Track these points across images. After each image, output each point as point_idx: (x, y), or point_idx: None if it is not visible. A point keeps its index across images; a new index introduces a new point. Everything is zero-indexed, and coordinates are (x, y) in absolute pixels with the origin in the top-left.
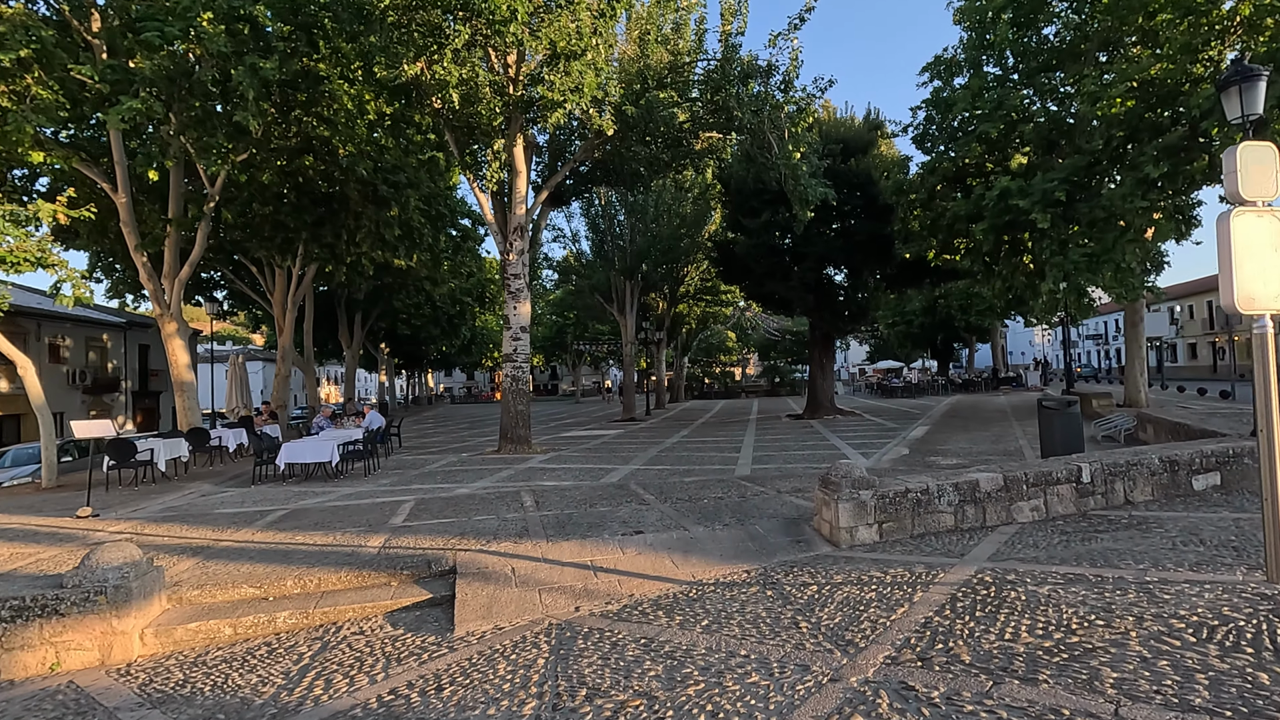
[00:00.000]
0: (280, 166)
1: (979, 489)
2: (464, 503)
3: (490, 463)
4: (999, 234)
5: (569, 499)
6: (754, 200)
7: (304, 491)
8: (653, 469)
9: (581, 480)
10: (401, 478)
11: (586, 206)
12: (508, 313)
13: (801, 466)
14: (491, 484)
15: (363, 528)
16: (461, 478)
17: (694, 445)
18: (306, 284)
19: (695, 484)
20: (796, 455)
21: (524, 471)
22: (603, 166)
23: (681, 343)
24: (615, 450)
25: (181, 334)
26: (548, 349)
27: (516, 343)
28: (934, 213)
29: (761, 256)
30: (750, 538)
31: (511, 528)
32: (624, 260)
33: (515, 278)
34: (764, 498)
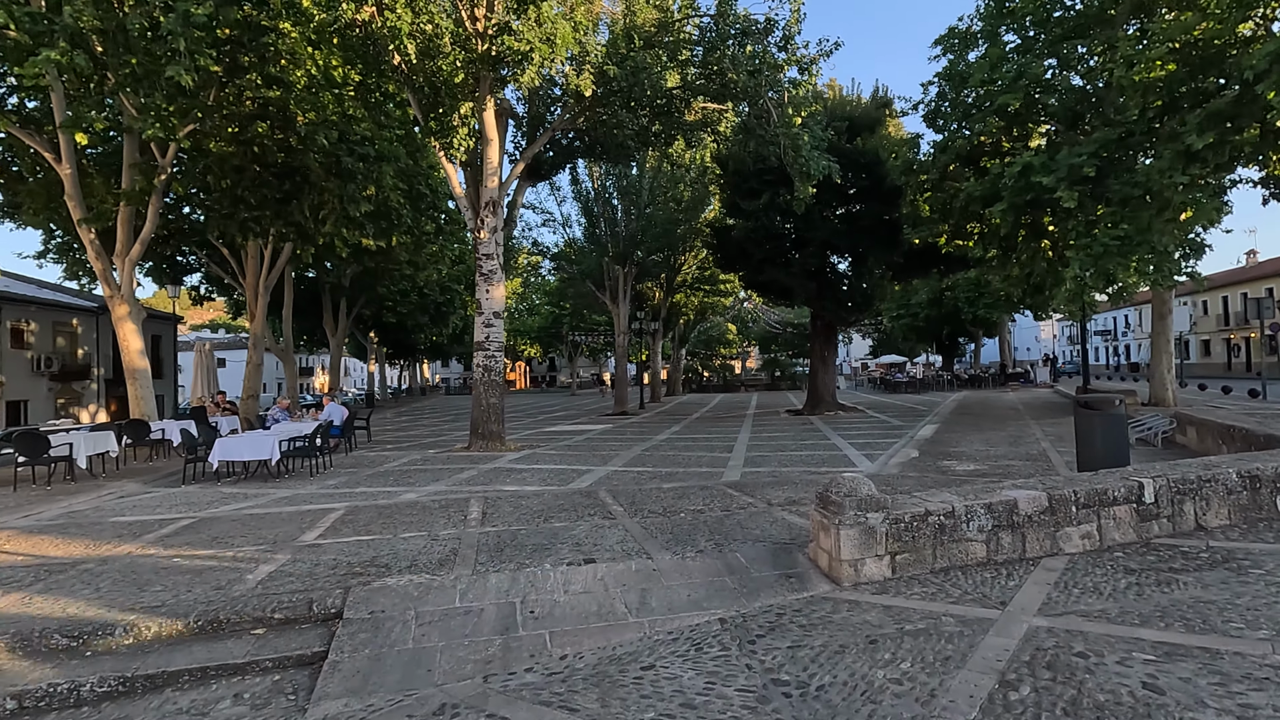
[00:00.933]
0: (233, 135)
1: (1017, 511)
2: (400, 513)
3: (454, 462)
4: (1018, 215)
5: (523, 510)
6: (753, 181)
7: (232, 494)
8: (631, 471)
9: (547, 484)
10: (350, 479)
11: (578, 188)
12: (479, 296)
13: (798, 471)
14: (444, 488)
15: (265, 545)
16: (415, 480)
17: (683, 443)
18: (279, 267)
19: (674, 492)
20: (794, 457)
21: (487, 473)
22: (587, 137)
23: (679, 334)
24: (596, 448)
25: (134, 317)
26: (544, 340)
27: (489, 329)
28: (946, 195)
29: (760, 241)
30: (729, 570)
31: (439, 550)
32: (617, 246)
33: (488, 258)
34: (751, 512)
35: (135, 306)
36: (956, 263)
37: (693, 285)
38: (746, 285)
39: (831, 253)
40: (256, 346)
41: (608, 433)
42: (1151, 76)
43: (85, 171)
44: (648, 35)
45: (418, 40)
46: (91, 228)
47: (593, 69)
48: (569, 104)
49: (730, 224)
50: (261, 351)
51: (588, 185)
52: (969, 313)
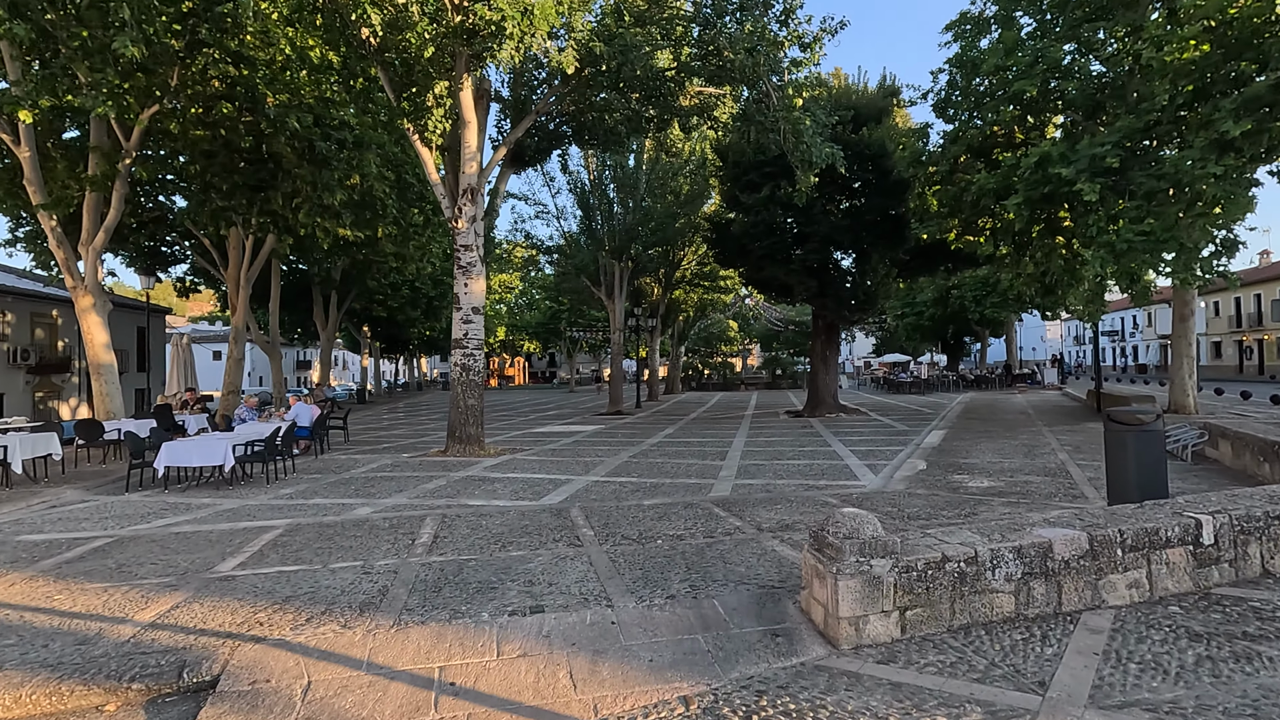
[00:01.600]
0: (198, 116)
1: (1052, 555)
2: (343, 535)
3: (425, 468)
4: (1034, 210)
5: (480, 533)
6: (753, 174)
7: (172, 506)
8: (613, 483)
9: (517, 499)
10: (308, 488)
11: (572, 179)
12: (457, 290)
13: (794, 486)
14: (404, 502)
15: (170, 577)
16: (376, 490)
17: (674, 448)
18: (261, 258)
19: (655, 511)
20: (791, 467)
21: (456, 483)
22: (574, 122)
23: (678, 331)
24: (581, 453)
25: (99, 309)
26: (543, 335)
27: (468, 326)
28: (956, 188)
29: (760, 236)
30: (703, 624)
31: (367, 588)
32: (613, 239)
33: (466, 249)
34: (738, 539)
35: (100, 298)
36: (965, 260)
37: (692, 281)
38: (746, 282)
39: (834, 249)
40: (238, 340)
41: (597, 435)
42: (1184, 58)
43: (48, 155)
44: (639, 10)
45: (384, 10)
46: (53, 214)
47: (577, 46)
48: (553, 85)
49: (730, 218)
50: (243, 345)
51: (583, 177)
52: (975, 312)
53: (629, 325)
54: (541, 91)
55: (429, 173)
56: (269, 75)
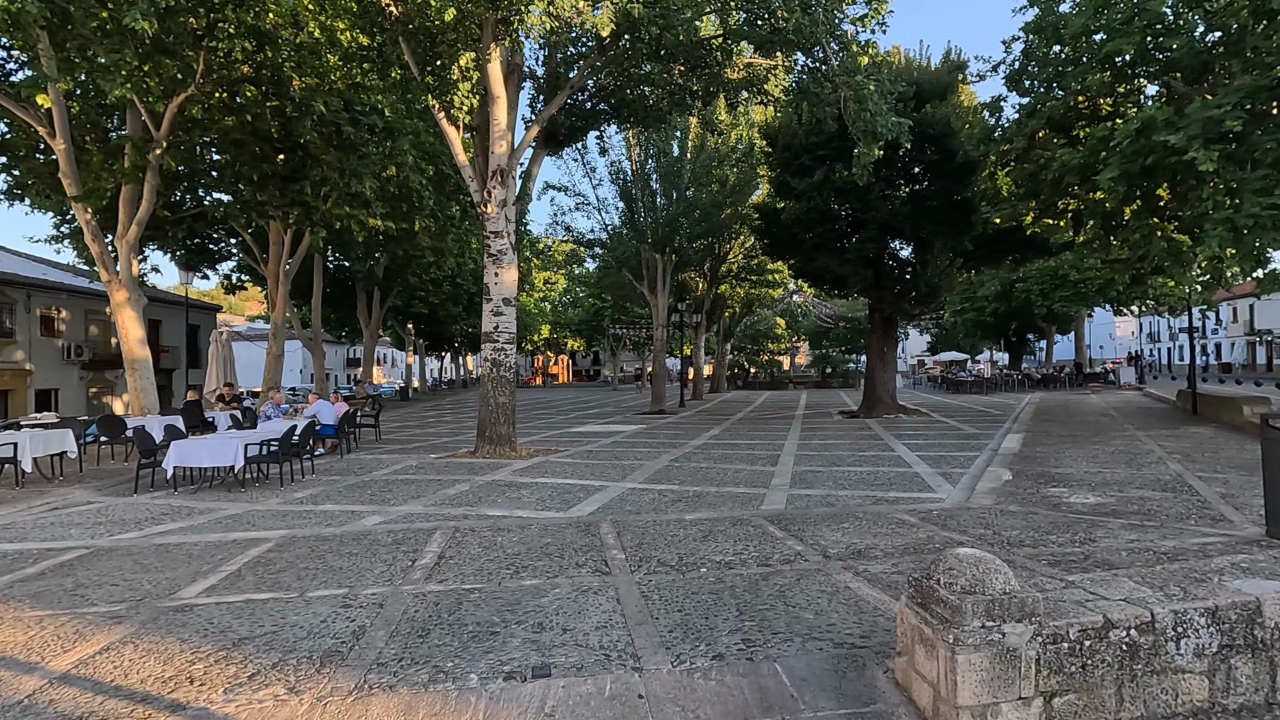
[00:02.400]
0: (222, 101)
1: (1260, 621)
2: (337, 551)
3: (451, 471)
4: (1131, 185)
5: (492, 553)
6: (805, 157)
7: (175, 510)
8: (651, 491)
9: (543, 509)
10: (322, 491)
11: (614, 169)
12: (487, 280)
13: (859, 497)
14: (419, 510)
15: (123, 604)
16: (393, 495)
17: (721, 452)
18: (300, 253)
19: (698, 528)
20: (852, 475)
21: (480, 489)
22: (613, 98)
23: (723, 328)
24: (620, 456)
25: (134, 304)
26: (586, 333)
27: (498, 318)
28: (1033, 166)
29: (812, 224)
30: (762, 702)
31: (336, 631)
32: (655, 231)
33: (496, 236)
34: (801, 569)
35: (135, 292)
36: (1034, 249)
37: (738, 275)
38: (796, 275)
39: (892, 237)
40: (276, 335)
41: (638, 435)
42: None
43: (84, 149)
44: None
45: None
46: (88, 207)
47: (613, 8)
48: (589, 54)
49: (779, 207)
50: (282, 341)
51: (625, 166)
52: (1043, 306)
53: (672, 321)
54: (577, 65)
55: (456, 153)
56: (295, 58)
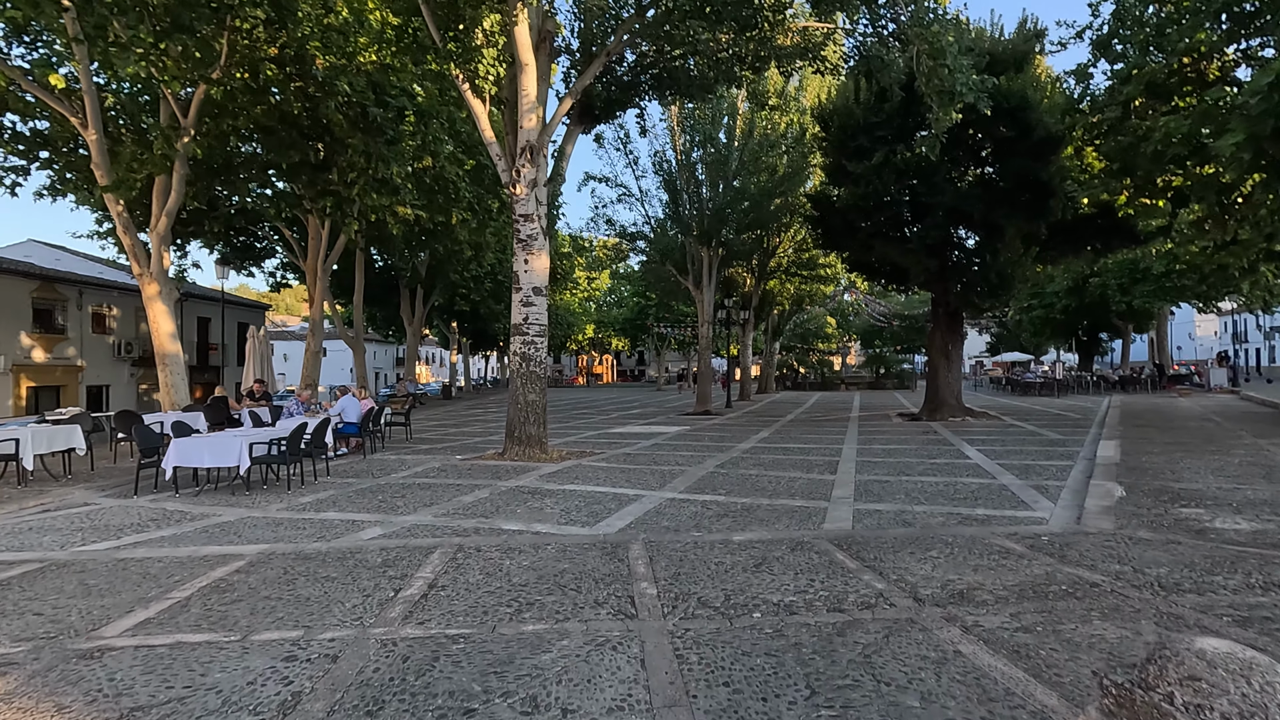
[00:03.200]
0: (244, 82)
1: None
2: (314, 574)
3: (473, 475)
4: (1258, 151)
5: (494, 582)
6: (863, 138)
7: (163, 516)
8: (693, 503)
9: (566, 523)
10: (330, 496)
11: (658, 159)
12: (516, 268)
13: (940, 514)
14: (425, 521)
15: (25, 645)
16: (404, 503)
17: (772, 457)
18: (338, 249)
19: (749, 553)
20: (927, 486)
21: (500, 497)
22: (654, 68)
23: (772, 326)
24: (660, 460)
25: (165, 297)
26: (631, 332)
27: (528, 309)
28: (1129, 139)
29: (871, 211)
30: None
31: (260, 699)
32: (701, 223)
33: (526, 220)
34: (886, 621)
35: (166, 285)
36: (1119, 236)
37: (788, 270)
38: (851, 267)
39: (959, 224)
40: (315, 332)
41: (681, 438)
42: None
43: (119, 140)
44: None
45: None
46: (119, 199)
47: None
48: (627, 17)
49: (833, 194)
50: (320, 338)
51: (670, 155)
52: (1121, 302)
53: (718, 318)
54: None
55: (482, 129)
56: (320, 36)
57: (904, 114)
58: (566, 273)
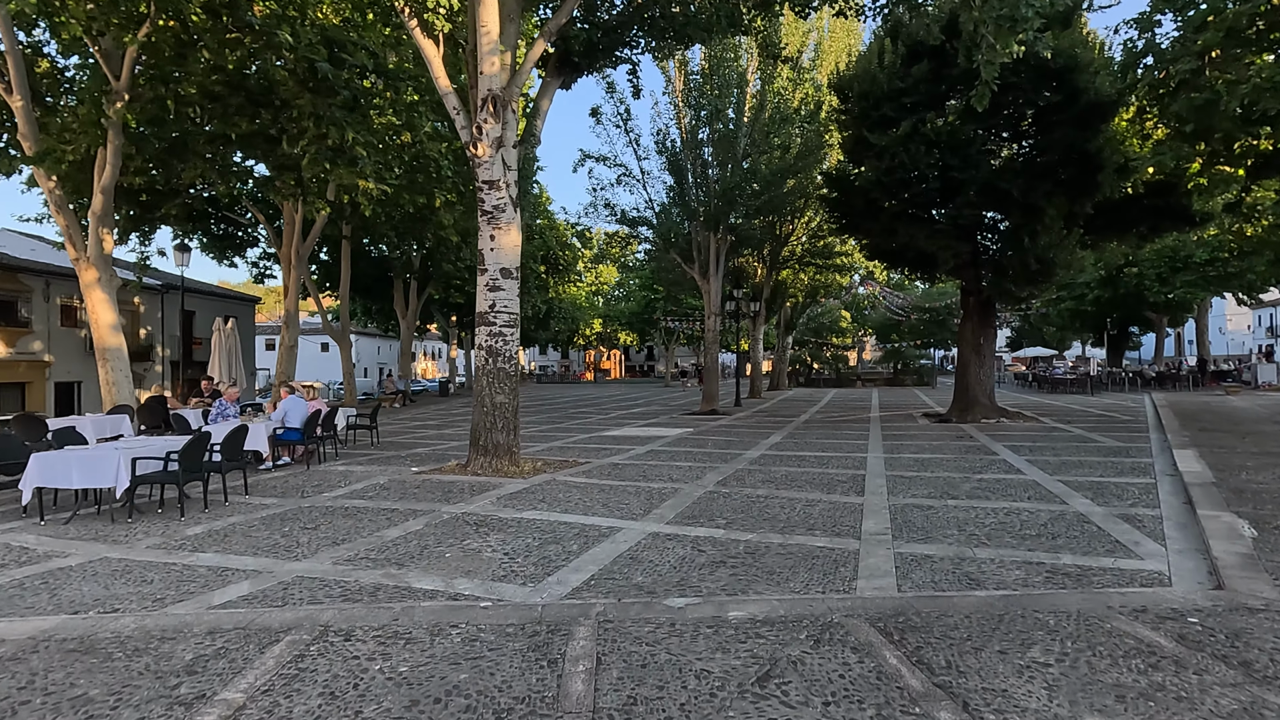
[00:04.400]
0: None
1: None
2: (92, 676)
3: (419, 495)
4: None
5: (342, 710)
6: (887, 106)
7: (4, 553)
8: (681, 541)
9: (506, 578)
10: (224, 527)
11: (661, 138)
12: (481, 246)
13: (1018, 565)
14: (316, 572)
15: None
16: (313, 539)
17: (785, 470)
18: (314, 235)
19: (748, 650)
20: (983, 514)
21: (437, 530)
22: (645, 8)
23: (785, 319)
24: (651, 474)
25: (105, 285)
26: (639, 326)
27: (495, 295)
28: (1203, 96)
29: (895, 189)
30: None
31: None
32: (707, 205)
33: (491, 187)
34: None
35: (106, 271)
36: (1170, 218)
37: (802, 259)
38: (871, 254)
39: (995, 203)
40: (289, 325)
41: (682, 443)
42: None
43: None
44: None
45: None
46: (50, 173)
47: None
48: None
49: (852, 174)
50: (295, 331)
51: (674, 133)
52: (1159, 293)
53: (727, 310)
54: None
55: (435, 74)
56: None
57: (934, 79)
58: (569, 264)
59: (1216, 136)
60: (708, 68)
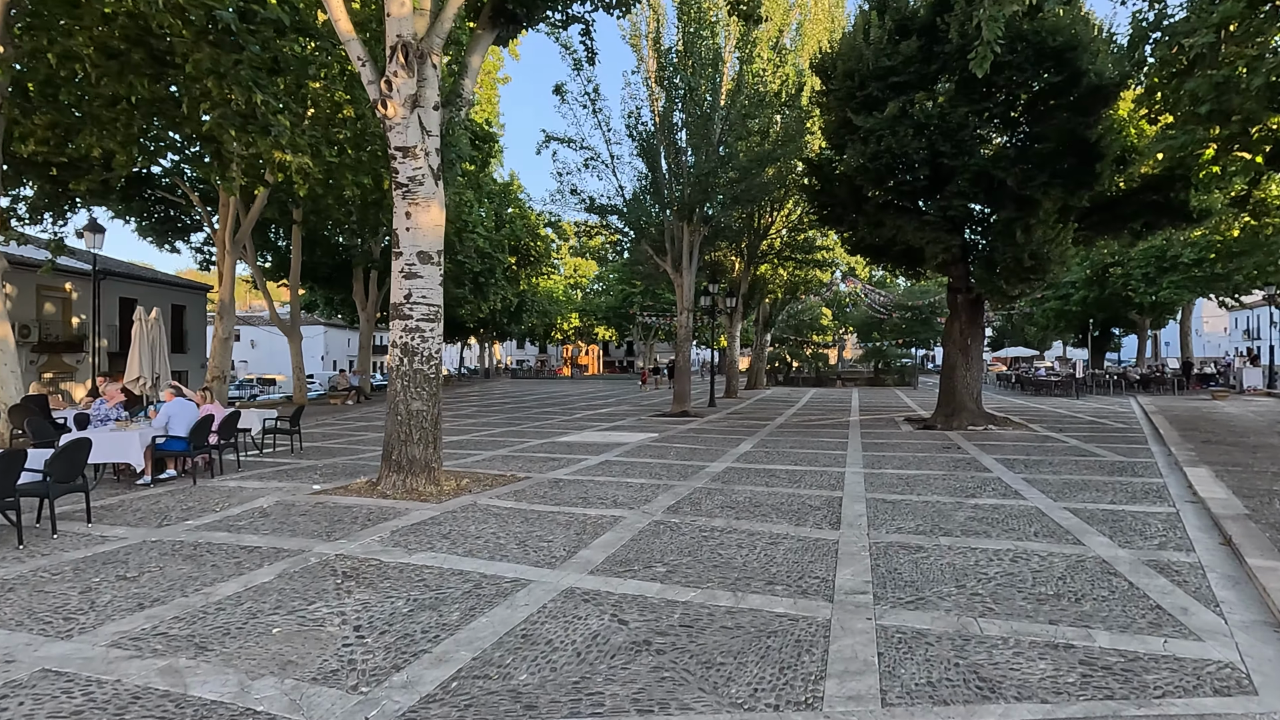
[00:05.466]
0: None
1: None
2: None
3: (296, 525)
4: None
5: None
6: (874, 85)
7: None
8: (602, 602)
9: (332, 677)
10: (32, 571)
11: (633, 121)
12: (395, 225)
13: (1039, 645)
14: (81, 658)
15: None
16: (118, 598)
17: (750, 489)
18: (251, 218)
19: None
20: (984, 560)
21: (292, 582)
22: None
23: (763, 316)
24: (595, 495)
25: None
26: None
27: (412, 283)
28: (1224, 72)
29: (882, 176)
30: None
31: None
32: (680, 192)
33: (406, 155)
34: None
35: None
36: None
37: (781, 254)
38: (854, 249)
39: (988, 193)
40: (223, 316)
41: (641, 453)
42: None
43: None
44: None
45: None
46: None
47: None
48: None
49: (835, 163)
50: (231, 321)
51: (646, 115)
52: (1145, 294)
53: (702, 306)
54: None
55: (334, 17)
56: None
57: (924, 57)
58: (541, 255)
59: (1234, 119)
60: (683, 46)
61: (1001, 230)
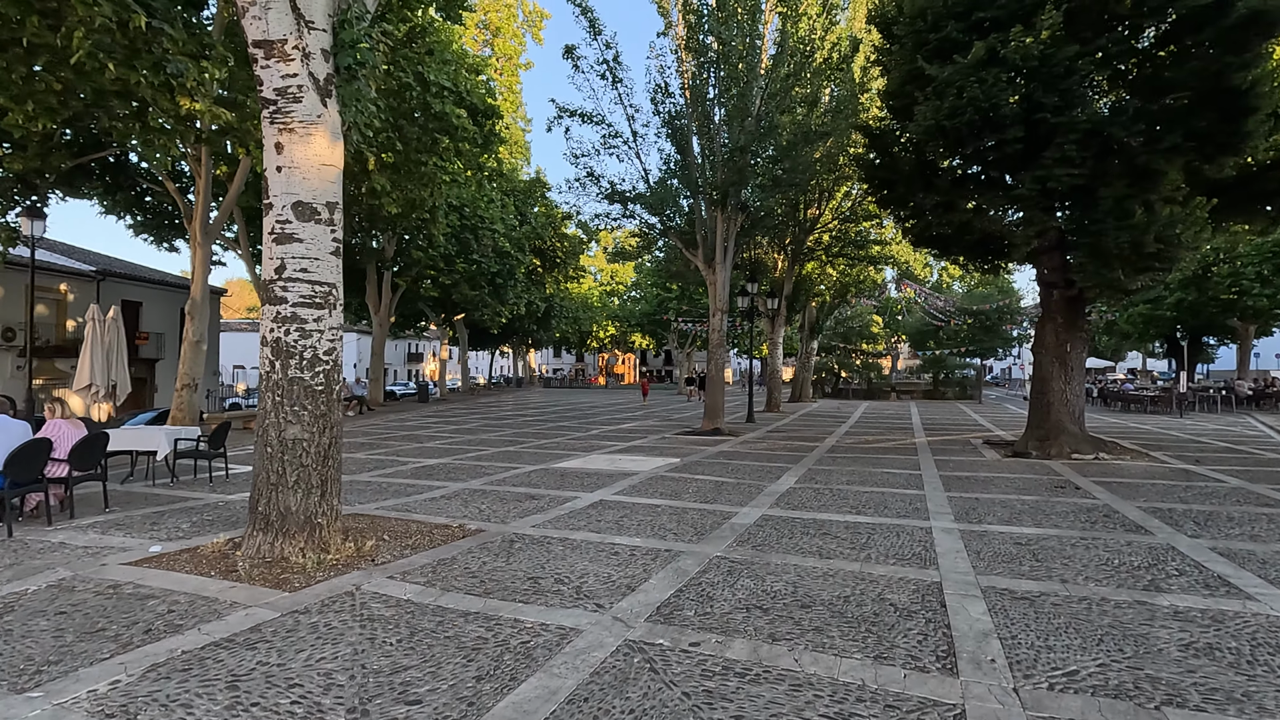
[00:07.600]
0: None
1: None
2: None
3: (23, 647)
4: None
5: None
6: (952, 25)
7: None
8: None
9: None
10: None
11: (657, 92)
12: (265, 164)
13: None
14: None
15: None
16: None
17: (793, 559)
18: (228, 204)
19: None
20: None
21: None
22: None
23: (809, 321)
24: (568, 565)
25: None
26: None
27: (286, 249)
28: None
29: (959, 139)
30: None
31: None
32: (713, 173)
33: (270, 53)
34: None
35: None
36: None
37: (830, 250)
38: (917, 240)
39: (1096, 160)
40: (194, 315)
41: (647, 490)
42: None
43: None
44: None
45: None
46: None
47: None
48: None
49: (897, 132)
50: (203, 324)
51: (674, 85)
52: (1260, 295)
53: (740, 307)
54: None
55: None
56: None
57: None
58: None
59: None
60: (716, 2)
61: (1113, 208)
